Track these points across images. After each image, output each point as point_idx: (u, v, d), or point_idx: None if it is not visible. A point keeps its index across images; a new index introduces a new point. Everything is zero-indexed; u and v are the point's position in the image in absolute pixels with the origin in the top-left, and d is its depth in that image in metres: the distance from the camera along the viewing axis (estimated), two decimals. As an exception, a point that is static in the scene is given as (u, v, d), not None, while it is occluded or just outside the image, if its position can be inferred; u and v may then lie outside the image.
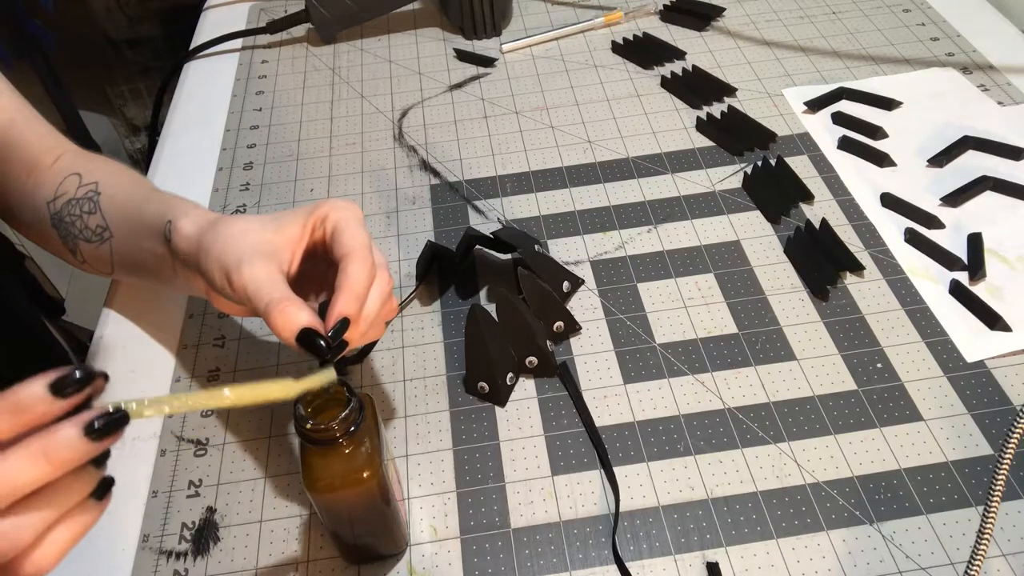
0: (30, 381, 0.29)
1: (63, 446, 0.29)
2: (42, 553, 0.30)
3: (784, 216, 0.61)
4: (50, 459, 0.28)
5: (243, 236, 0.41)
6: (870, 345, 0.53)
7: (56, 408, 0.29)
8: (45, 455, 0.28)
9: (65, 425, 0.29)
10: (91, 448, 0.29)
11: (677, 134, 0.70)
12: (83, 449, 0.29)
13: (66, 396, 0.29)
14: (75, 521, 0.31)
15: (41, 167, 0.53)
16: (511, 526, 0.46)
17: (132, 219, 0.49)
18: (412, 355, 0.55)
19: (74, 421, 0.29)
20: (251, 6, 0.91)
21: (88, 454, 0.29)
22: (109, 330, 0.58)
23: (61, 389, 0.29)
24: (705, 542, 0.44)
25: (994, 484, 0.38)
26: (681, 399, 0.51)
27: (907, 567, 0.43)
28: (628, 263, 0.59)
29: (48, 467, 0.29)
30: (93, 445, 0.29)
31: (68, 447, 0.29)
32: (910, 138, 0.67)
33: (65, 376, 0.29)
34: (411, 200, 0.66)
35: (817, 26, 0.80)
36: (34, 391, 0.29)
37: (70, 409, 0.29)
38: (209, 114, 0.77)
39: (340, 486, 0.38)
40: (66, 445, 0.29)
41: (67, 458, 0.29)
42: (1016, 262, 0.57)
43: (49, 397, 0.29)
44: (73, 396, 0.29)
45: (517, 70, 0.79)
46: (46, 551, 0.30)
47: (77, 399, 0.29)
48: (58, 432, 0.29)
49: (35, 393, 0.29)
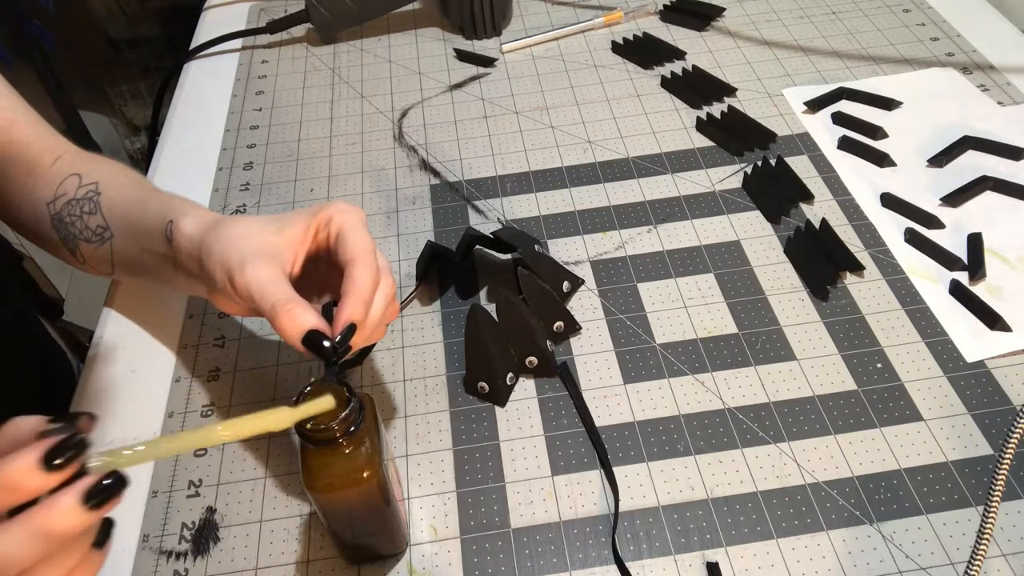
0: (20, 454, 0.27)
1: (62, 520, 0.28)
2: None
3: (784, 216, 0.61)
4: (49, 536, 0.27)
5: (246, 236, 0.41)
6: (870, 345, 0.53)
7: (50, 481, 0.28)
8: (44, 532, 0.27)
9: (63, 497, 0.28)
10: (91, 518, 0.28)
11: (677, 134, 0.70)
12: (83, 520, 0.28)
13: (59, 468, 0.28)
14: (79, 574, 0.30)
15: (41, 168, 0.53)
16: (511, 526, 0.46)
17: (132, 219, 0.49)
18: (412, 355, 0.55)
19: (71, 493, 0.28)
20: (251, 6, 0.91)
21: (88, 524, 0.28)
22: (109, 330, 0.58)
23: (54, 460, 0.28)
24: (705, 542, 0.44)
25: (994, 484, 0.38)
26: (681, 399, 0.51)
27: (907, 567, 0.43)
28: (628, 263, 0.59)
29: (48, 544, 0.28)
30: (93, 514, 0.28)
31: (68, 521, 0.28)
32: (910, 138, 0.67)
33: (57, 447, 0.28)
34: (411, 200, 0.66)
35: (817, 26, 0.80)
36: (25, 465, 0.27)
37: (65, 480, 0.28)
38: (209, 114, 0.77)
39: (340, 486, 0.38)
40: (66, 519, 0.28)
41: (67, 532, 0.28)
42: (1016, 262, 0.57)
43: (42, 471, 0.28)
44: (67, 468, 0.28)
45: (517, 70, 0.79)
46: None
47: (71, 471, 0.28)
48: (55, 507, 0.28)
49: (27, 467, 0.27)
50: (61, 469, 0.28)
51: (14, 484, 0.27)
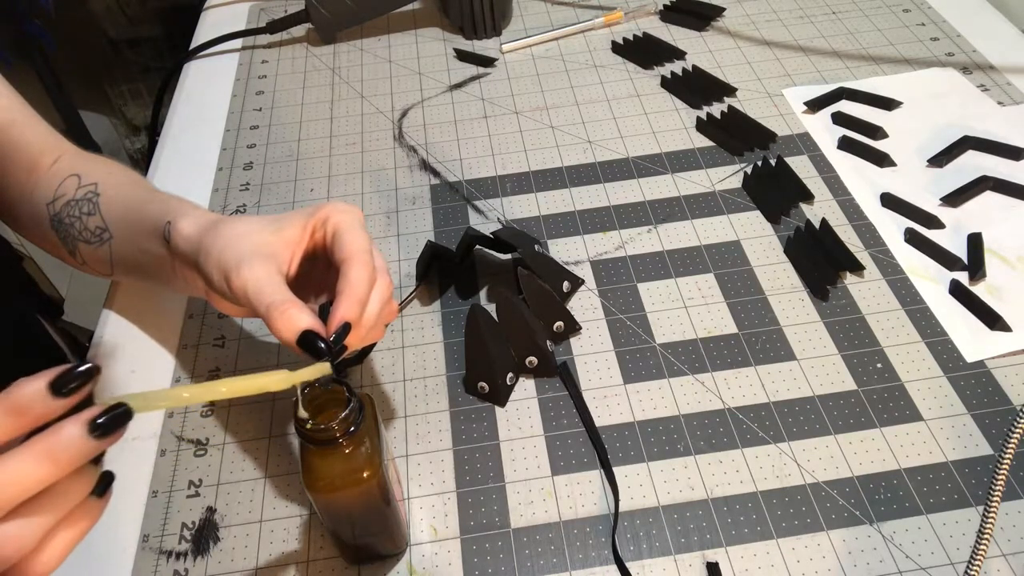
0: (29, 380, 0.29)
1: (67, 446, 0.28)
2: (47, 555, 0.30)
3: (784, 216, 0.61)
4: (55, 459, 0.28)
5: (243, 237, 0.41)
6: (870, 345, 0.53)
7: (57, 407, 0.29)
8: (50, 456, 0.28)
9: (68, 424, 0.29)
10: (95, 446, 0.29)
11: (677, 134, 0.70)
12: (88, 448, 0.29)
13: (66, 395, 0.29)
14: (78, 521, 0.31)
15: (40, 168, 0.53)
16: (511, 526, 0.46)
17: (131, 220, 0.49)
18: (412, 355, 0.55)
19: (77, 420, 0.29)
20: (251, 6, 0.91)
21: (92, 452, 0.29)
22: (109, 330, 0.58)
23: (61, 388, 0.29)
24: (705, 542, 0.44)
25: (994, 484, 0.38)
26: (681, 399, 0.51)
27: (907, 567, 0.43)
28: (628, 263, 0.59)
29: (53, 468, 0.28)
30: (97, 443, 0.29)
31: (73, 447, 0.28)
32: (910, 138, 0.67)
33: (65, 373, 0.29)
34: (411, 200, 0.66)
35: (817, 26, 0.80)
36: (34, 390, 0.28)
37: (71, 407, 0.29)
38: (209, 114, 0.77)
39: (340, 486, 0.38)
40: (71, 445, 0.28)
41: (72, 458, 0.29)
42: (1016, 262, 0.57)
43: (49, 396, 0.29)
44: (74, 394, 0.29)
45: (517, 70, 0.79)
46: (51, 553, 0.30)
47: (78, 397, 0.29)
48: (62, 432, 0.28)
49: (35, 392, 0.28)
50: (68, 395, 0.29)
51: (22, 407, 0.28)
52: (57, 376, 0.29)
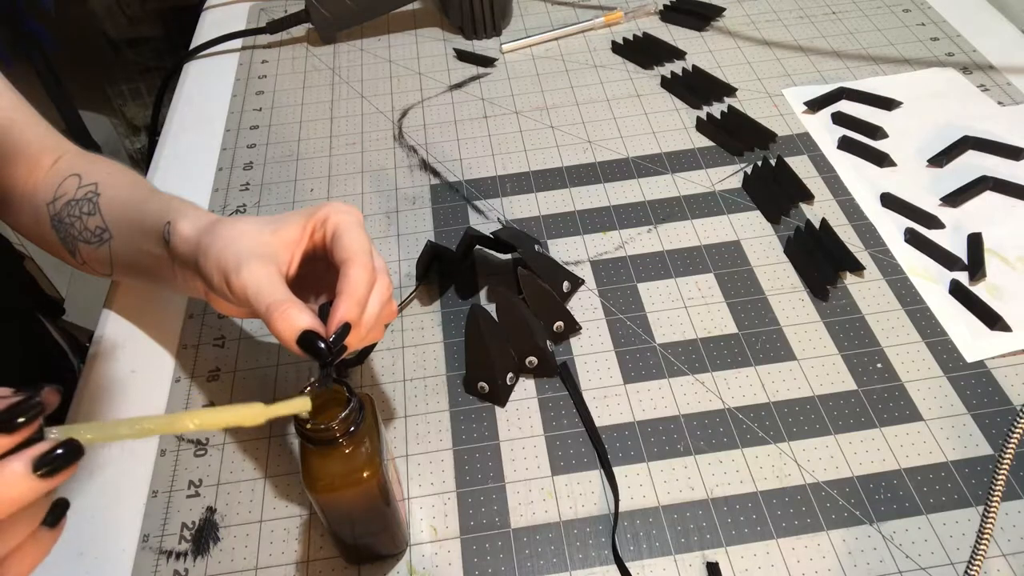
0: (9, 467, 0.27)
1: (11, 486, 0.26)
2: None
3: (784, 216, 0.61)
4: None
5: (242, 238, 0.41)
6: (870, 345, 0.53)
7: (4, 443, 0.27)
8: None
9: (12, 462, 0.26)
10: (41, 486, 0.27)
11: (677, 134, 0.70)
12: (33, 488, 0.27)
13: (13, 430, 0.27)
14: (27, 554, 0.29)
15: (41, 168, 0.53)
16: (511, 526, 0.46)
17: (131, 220, 0.49)
18: (412, 355, 0.55)
19: (23, 457, 0.27)
20: (251, 6, 0.91)
21: (39, 492, 0.27)
22: (109, 330, 0.58)
23: (7, 424, 0.27)
24: (705, 542, 0.44)
25: (994, 484, 0.38)
26: (681, 399, 0.51)
27: (907, 567, 0.43)
28: (628, 263, 0.59)
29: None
30: (43, 483, 0.27)
31: (17, 488, 0.26)
32: (910, 138, 0.67)
33: (12, 407, 0.27)
34: (411, 200, 0.66)
35: (817, 26, 0.80)
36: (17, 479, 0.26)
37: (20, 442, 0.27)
38: (209, 114, 0.77)
39: (340, 486, 0.38)
40: (14, 485, 0.26)
41: (16, 499, 0.27)
42: (1016, 262, 0.57)
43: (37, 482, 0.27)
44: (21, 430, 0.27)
45: (517, 70, 0.79)
46: None
47: (25, 433, 0.27)
48: (5, 470, 0.26)
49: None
50: (12, 431, 0.27)
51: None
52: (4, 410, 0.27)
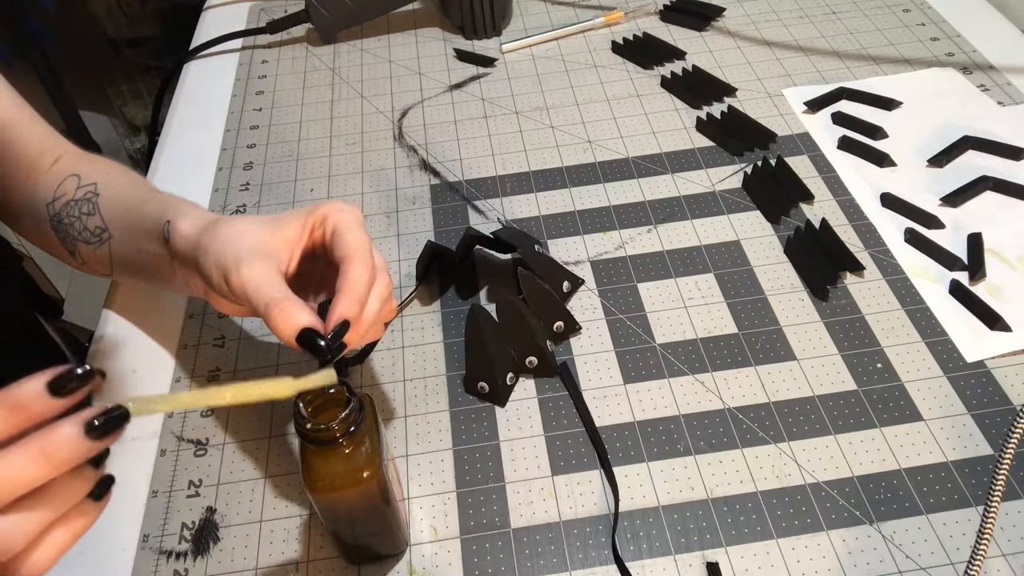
0: (29, 379, 0.29)
1: (63, 445, 0.28)
2: (39, 555, 0.30)
3: (784, 216, 0.61)
4: (49, 458, 0.28)
5: (241, 236, 0.41)
6: (870, 345, 0.53)
7: (55, 406, 0.29)
8: (44, 454, 0.28)
9: (65, 423, 0.29)
10: (91, 447, 0.29)
11: (677, 134, 0.70)
12: (83, 448, 0.29)
13: (65, 395, 0.29)
14: (73, 522, 0.31)
15: (40, 168, 0.53)
16: (511, 526, 0.46)
17: (131, 220, 0.49)
18: (412, 355, 0.55)
19: (74, 419, 0.29)
20: (251, 6, 0.91)
21: (88, 453, 0.29)
22: (109, 330, 0.58)
23: (60, 388, 0.29)
24: (705, 542, 0.44)
25: (994, 484, 0.38)
26: (681, 399, 0.51)
27: (907, 567, 0.43)
28: (628, 263, 0.59)
29: (47, 467, 0.28)
30: (93, 444, 0.29)
31: (68, 446, 0.28)
32: (910, 138, 0.67)
33: (64, 374, 0.29)
34: (411, 200, 0.66)
35: (817, 26, 0.80)
36: (33, 389, 0.28)
37: (69, 407, 0.29)
38: (209, 114, 0.77)
39: (340, 486, 0.38)
40: (66, 444, 0.28)
41: (67, 457, 0.29)
42: (1016, 262, 0.57)
43: (47, 395, 0.29)
44: (72, 394, 0.29)
45: (517, 70, 0.79)
46: (43, 553, 0.30)
47: (76, 397, 0.29)
48: (58, 431, 0.28)
49: (34, 391, 0.28)
50: (66, 395, 0.29)
51: (21, 405, 0.28)
52: (56, 376, 0.29)
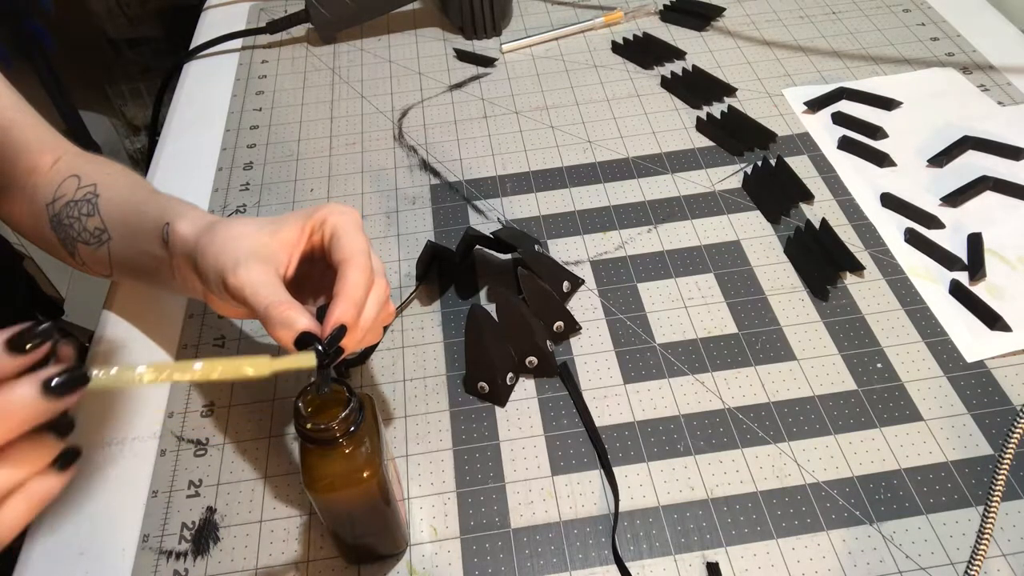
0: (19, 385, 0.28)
1: (19, 404, 0.28)
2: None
3: (784, 216, 0.61)
4: (6, 417, 0.27)
5: (239, 239, 0.41)
6: (870, 345, 0.53)
7: (15, 364, 0.28)
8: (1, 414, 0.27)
9: (22, 382, 0.28)
10: (48, 407, 0.28)
11: (677, 134, 0.70)
12: (40, 408, 0.28)
13: (24, 352, 0.28)
14: (35, 490, 0.30)
15: (40, 169, 0.53)
16: (511, 526, 0.46)
17: (130, 221, 0.49)
18: (412, 355, 0.55)
19: (31, 378, 0.28)
20: (251, 6, 0.91)
21: (45, 413, 0.28)
22: (109, 330, 0.58)
23: (19, 345, 0.28)
24: (705, 542, 0.44)
25: (994, 484, 0.38)
26: (681, 399, 0.51)
27: (907, 567, 0.43)
28: (628, 263, 0.59)
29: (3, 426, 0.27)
30: (50, 404, 0.28)
31: (24, 405, 0.28)
32: (910, 138, 0.67)
33: (23, 331, 0.28)
34: (411, 200, 0.66)
35: (817, 26, 0.80)
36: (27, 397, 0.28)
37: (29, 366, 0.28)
38: (209, 114, 0.77)
39: (340, 486, 0.38)
40: (21, 403, 0.28)
41: (24, 418, 0.28)
42: (1016, 262, 0.57)
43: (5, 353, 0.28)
44: (31, 353, 0.28)
45: (517, 70, 0.79)
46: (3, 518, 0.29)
47: (36, 355, 0.28)
48: (14, 389, 0.28)
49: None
50: (25, 352, 0.28)
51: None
52: (15, 333, 0.28)
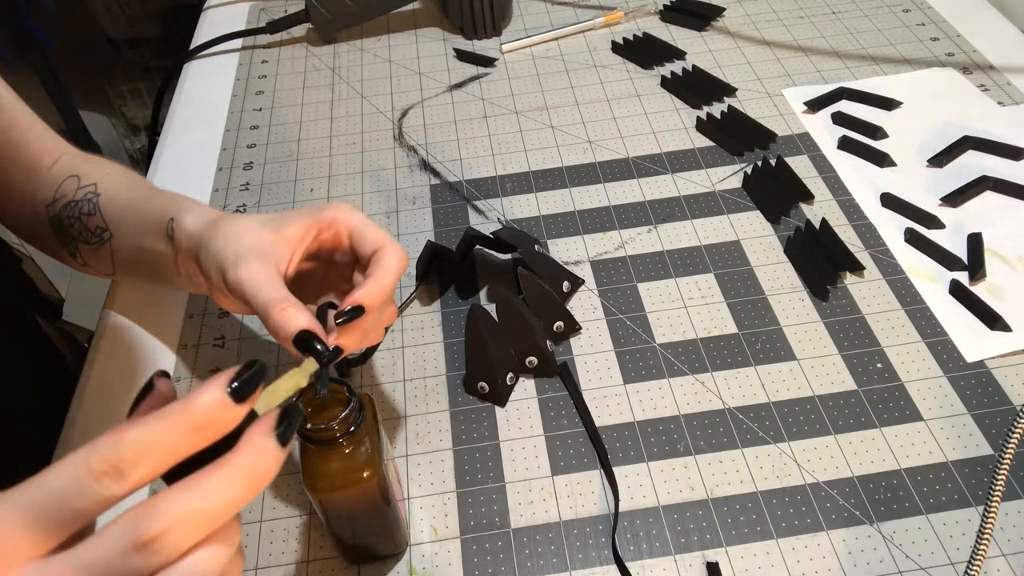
0: (201, 393, 0.26)
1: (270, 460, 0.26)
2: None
3: (784, 216, 0.61)
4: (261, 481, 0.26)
5: (242, 235, 0.41)
6: (870, 345, 0.53)
7: (239, 414, 0.26)
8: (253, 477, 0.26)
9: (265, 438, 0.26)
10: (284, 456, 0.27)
11: (677, 134, 0.70)
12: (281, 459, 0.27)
13: (247, 399, 0.26)
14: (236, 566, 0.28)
15: (40, 170, 0.53)
16: (511, 526, 0.46)
17: (132, 219, 0.49)
18: (412, 355, 0.55)
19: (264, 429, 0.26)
20: (251, 6, 0.91)
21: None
22: (109, 330, 0.58)
23: (244, 391, 0.26)
24: (705, 542, 0.44)
25: (994, 484, 0.38)
26: (681, 399, 0.51)
27: (907, 567, 0.43)
28: (628, 263, 0.59)
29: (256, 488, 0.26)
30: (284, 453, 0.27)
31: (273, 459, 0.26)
32: (910, 138, 0.67)
33: (244, 379, 0.26)
34: (411, 200, 0.66)
35: (817, 26, 0.80)
36: (213, 402, 0.26)
37: None
38: (209, 114, 0.77)
39: (340, 486, 0.38)
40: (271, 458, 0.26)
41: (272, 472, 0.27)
42: (1016, 262, 0.57)
43: (231, 404, 0.26)
44: (251, 396, 0.26)
45: (517, 70, 0.79)
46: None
47: (255, 398, 0.27)
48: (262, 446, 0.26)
49: (215, 404, 0.26)
50: (247, 399, 0.26)
51: (206, 422, 0.26)
52: (238, 383, 0.26)
